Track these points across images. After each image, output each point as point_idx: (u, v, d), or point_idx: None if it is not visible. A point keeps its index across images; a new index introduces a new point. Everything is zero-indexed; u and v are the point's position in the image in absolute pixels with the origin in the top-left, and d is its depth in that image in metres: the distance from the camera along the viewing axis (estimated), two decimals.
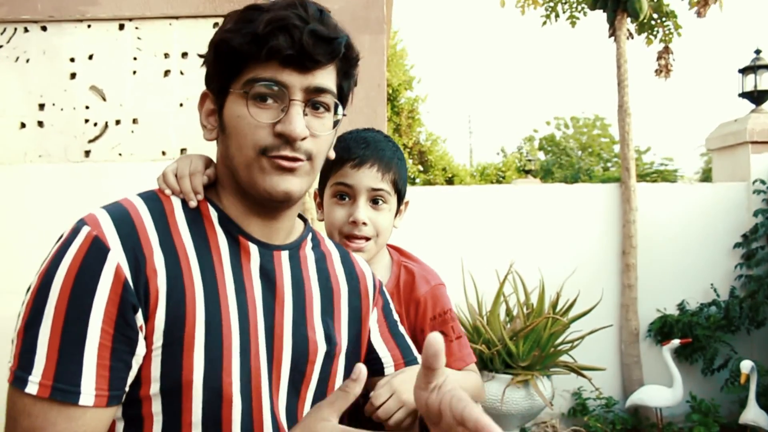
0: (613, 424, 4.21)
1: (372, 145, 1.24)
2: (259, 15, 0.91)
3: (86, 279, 0.82)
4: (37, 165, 4.08)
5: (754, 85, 4.82)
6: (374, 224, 1.23)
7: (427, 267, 1.33)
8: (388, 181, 1.24)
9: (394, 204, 1.27)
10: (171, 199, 0.96)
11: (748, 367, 3.78)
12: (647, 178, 16.81)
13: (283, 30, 0.89)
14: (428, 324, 1.26)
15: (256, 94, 0.90)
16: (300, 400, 0.99)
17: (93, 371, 0.81)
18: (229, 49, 0.92)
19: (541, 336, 3.78)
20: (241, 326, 0.92)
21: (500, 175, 14.02)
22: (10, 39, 4.14)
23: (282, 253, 1.00)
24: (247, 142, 0.91)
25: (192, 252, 0.91)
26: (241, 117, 0.91)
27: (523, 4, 5.08)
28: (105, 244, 0.84)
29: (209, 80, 0.99)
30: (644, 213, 4.54)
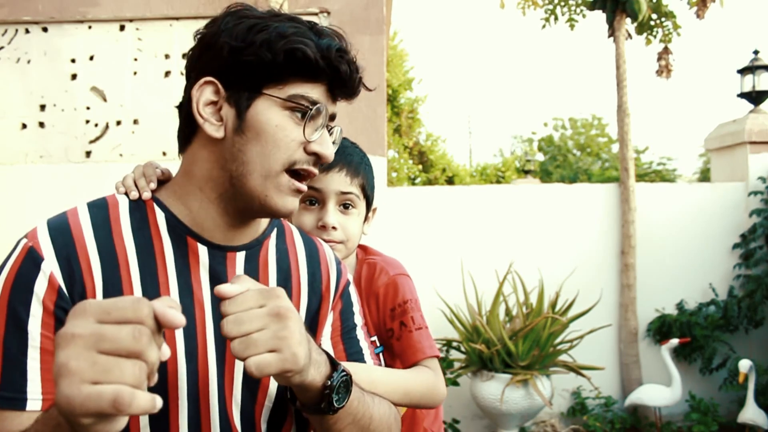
0: (612, 424, 4.22)
1: (339, 149, 1.21)
2: (315, 32, 0.91)
3: (21, 289, 0.84)
4: (38, 165, 4.09)
5: (753, 86, 4.83)
6: (344, 229, 1.21)
7: (389, 259, 1.31)
8: (356, 185, 1.23)
9: (363, 209, 1.26)
10: (119, 206, 0.95)
11: (747, 367, 3.79)
12: (646, 178, 16.82)
13: (344, 58, 0.92)
14: (389, 315, 1.23)
15: (304, 113, 0.91)
16: (257, 404, 0.97)
17: (38, 376, 0.82)
18: (292, 53, 0.88)
19: (541, 336, 3.80)
20: (186, 330, 0.91)
21: (500, 175, 14.02)
22: (11, 40, 4.15)
23: (237, 255, 0.98)
24: (278, 153, 0.90)
25: (133, 258, 0.91)
26: (280, 127, 0.90)
27: (524, 5, 5.08)
28: (39, 253, 0.85)
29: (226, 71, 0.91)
30: (643, 213, 4.55)
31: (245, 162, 0.90)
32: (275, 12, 0.93)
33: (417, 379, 1.16)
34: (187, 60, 0.96)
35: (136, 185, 0.99)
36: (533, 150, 20.87)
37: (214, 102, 0.91)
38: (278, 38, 0.88)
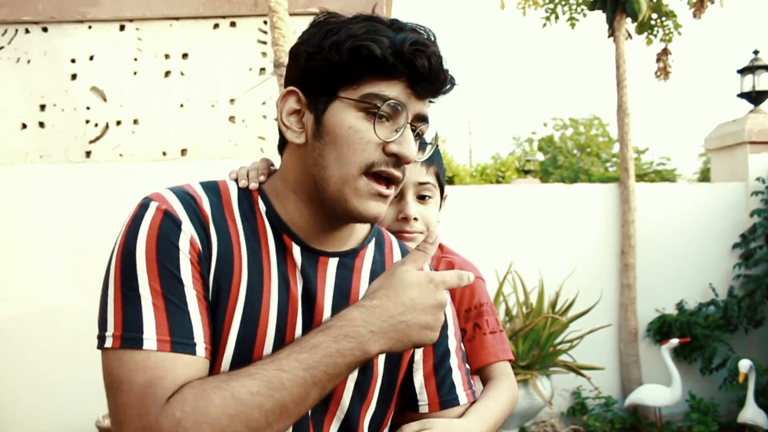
0: (612, 424, 4.22)
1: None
2: (394, 29, 0.90)
3: (167, 244, 0.85)
4: (38, 165, 4.10)
5: (753, 86, 4.83)
6: (424, 219, 1.20)
7: (466, 260, 1.29)
8: (432, 174, 1.21)
9: (438, 197, 1.24)
10: (230, 191, 0.97)
11: (747, 367, 3.79)
12: (645, 177, 16.83)
13: (422, 52, 0.89)
14: (462, 315, 1.21)
15: (379, 113, 0.88)
16: (329, 412, 0.96)
17: (200, 324, 0.85)
18: (357, 51, 0.87)
19: (541, 335, 3.79)
20: (278, 323, 0.92)
21: (500, 175, 14.02)
22: (11, 40, 4.15)
23: (330, 260, 0.97)
24: (353, 157, 0.89)
25: (243, 244, 0.92)
26: (354, 129, 0.89)
27: (524, 5, 5.08)
28: (177, 216, 0.87)
29: (304, 78, 0.92)
30: (643, 213, 4.55)
31: (325, 167, 0.90)
32: (361, 15, 0.92)
33: (501, 406, 1.13)
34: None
35: (248, 176, 1.02)
36: (533, 150, 20.88)
37: (297, 110, 0.93)
38: (346, 39, 0.87)
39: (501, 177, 13.91)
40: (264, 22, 4.09)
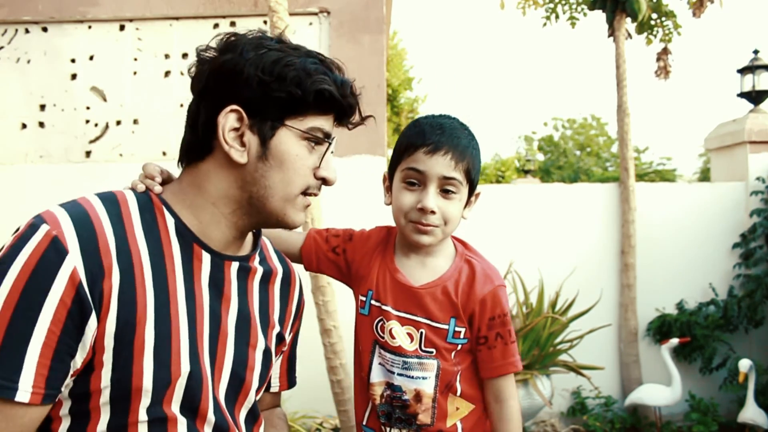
0: (612, 423, 4.22)
1: (447, 131, 1.20)
2: (327, 68, 1.00)
3: (41, 278, 0.83)
4: (38, 165, 4.10)
5: (753, 86, 4.83)
6: (443, 213, 1.19)
7: (490, 265, 1.29)
8: (460, 170, 1.19)
9: (464, 194, 1.23)
10: (128, 202, 0.97)
11: (747, 366, 3.79)
12: (645, 177, 16.83)
13: (353, 94, 1.03)
14: (486, 324, 1.22)
15: (317, 142, 1.00)
16: (238, 403, 1.05)
17: (33, 369, 0.83)
18: (320, 93, 0.97)
19: (541, 335, 3.79)
20: (190, 333, 0.95)
21: (500, 175, 14.02)
22: (11, 40, 4.15)
23: (232, 264, 1.04)
24: (298, 180, 1.00)
25: (146, 259, 0.93)
26: (299, 156, 0.99)
27: (524, 5, 5.08)
28: (64, 245, 0.85)
29: (252, 101, 0.96)
30: (643, 213, 4.55)
31: (267, 186, 0.98)
32: (288, 43, 1.01)
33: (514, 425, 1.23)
34: (203, 81, 0.99)
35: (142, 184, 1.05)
36: (533, 150, 20.88)
37: (236, 128, 0.97)
38: (306, 76, 0.96)
39: (501, 177, 13.91)
40: (264, 22, 4.09)
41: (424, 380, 1.21)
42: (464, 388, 1.24)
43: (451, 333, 1.21)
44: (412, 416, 1.22)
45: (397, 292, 1.23)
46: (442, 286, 1.22)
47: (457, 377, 1.23)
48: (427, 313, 1.21)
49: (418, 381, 1.21)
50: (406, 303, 1.22)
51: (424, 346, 1.21)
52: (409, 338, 1.21)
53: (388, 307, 1.22)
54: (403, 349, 1.21)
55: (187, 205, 1.00)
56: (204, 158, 1.00)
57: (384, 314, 1.22)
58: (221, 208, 1.00)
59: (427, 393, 1.21)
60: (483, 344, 1.23)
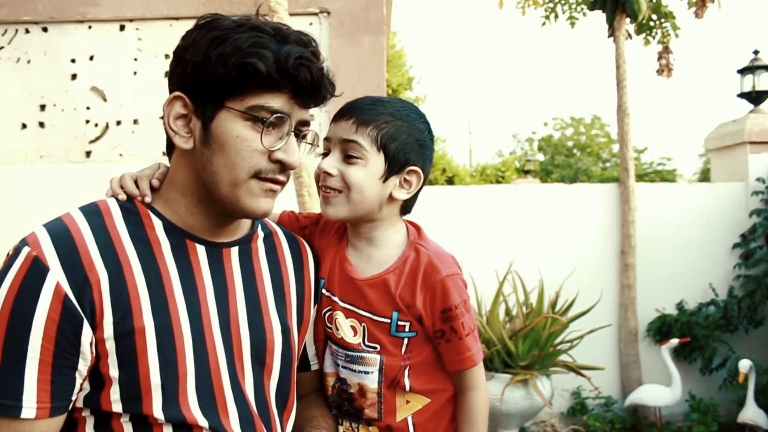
0: (612, 424, 4.22)
1: (368, 102, 1.16)
2: (278, 41, 0.93)
3: (26, 299, 0.85)
4: (38, 165, 4.10)
5: (753, 86, 4.83)
6: (343, 177, 1.14)
7: (442, 252, 1.23)
8: (365, 136, 1.13)
9: (375, 162, 1.15)
10: (111, 211, 0.98)
11: (747, 367, 3.79)
12: (645, 177, 16.83)
13: (305, 66, 0.93)
14: (438, 317, 1.17)
15: (265, 122, 0.94)
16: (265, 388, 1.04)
17: (34, 386, 0.85)
18: (243, 68, 0.91)
19: (541, 335, 3.80)
20: (192, 327, 0.95)
21: (500, 175, 14.03)
22: (11, 40, 4.15)
23: (231, 249, 1.04)
24: (242, 163, 0.94)
25: (136, 262, 0.93)
26: (240, 138, 0.93)
27: (524, 5, 5.09)
28: (44, 264, 0.87)
29: (191, 86, 0.94)
30: (643, 213, 4.55)
31: (214, 171, 0.95)
32: (246, 20, 0.95)
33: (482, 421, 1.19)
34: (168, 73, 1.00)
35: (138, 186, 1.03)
36: (533, 150, 20.89)
37: (184, 115, 0.96)
38: (232, 53, 0.90)
39: (501, 177, 13.91)
40: None
41: (366, 375, 1.17)
42: (414, 383, 1.18)
43: (394, 327, 1.16)
44: (359, 410, 1.19)
45: (344, 283, 1.20)
46: (382, 279, 1.18)
47: (404, 372, 1.17)
48: (369, 306, 1.17)
49: (361, 375, 1.18)
50: (350, 294, 1.18)
51: (368, 341, 1.17)
52: (353, 331, 1.18)
53: (335, 297, 1.20)
54: (345, 341, 1.18)
55: (166, 201, 1.01)
56: (171, 151, 1.02)
57: (332, 304, 1.20)
58: (189, 198, 0.99)
59: (371, 387, 1.17)
60: (440, 337, 1.18)
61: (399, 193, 1.20)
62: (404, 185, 1.21)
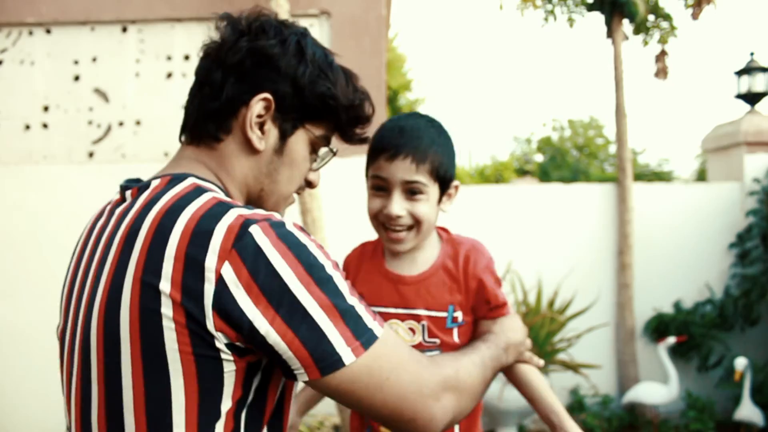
0: (610, 421, 4.26)
1: (407, 133, 1.20)
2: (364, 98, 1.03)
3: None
4: (41, 166, 4.13)
5: (749, 87, 4.87)
6: (412, 214, 1.21)
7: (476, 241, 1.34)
8: (424, 172, 1.19)
9: (434, 192, 1.22)
10: None
11: (743, 365, 3.82)
12: (643, 178, 16.85)
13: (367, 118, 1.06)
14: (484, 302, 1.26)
15: (322, 150, 1.04)
16: None
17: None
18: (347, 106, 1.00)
19: (539, 334, 3.83)
20: None
21: (498, 175, 14.05)
22: (15, 42, 4.19)
23: None
24: (298, 181, 1.03)
25: None
26: (305, 159, 1.01)
27: (522, 6, 5.12)
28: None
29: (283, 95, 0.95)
30: (640, 213, 4.59)
31: (277, 181, 1.00)
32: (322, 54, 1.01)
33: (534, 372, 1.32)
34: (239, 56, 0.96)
35: None
36: (532, 150, 20.90)
37: (261, 115, 0.95)
38: (355, 95, 1.01)
39: (500, 177, 13.94)
40: None
41: None
42: None
43: (450, 319, 1.25)
44: None
45: (392, 291, 1.25)
46: (433, 275, 1.25)
47: None
48: (426, 304, 1.24)
49: None
50: (402, 298, 1.25)
51: (428, 337, 1.24)
52: (411, 332, 1.24)
53: (381, 308, 1.25)
54: None
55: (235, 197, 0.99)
56: (222, 139, 0.97)
57: (383, 316, 1.23)
58: (243, 196, 1.00)
59: None
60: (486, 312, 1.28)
61: (445, 206, 1.29)
62: (449, 199, 1.30)
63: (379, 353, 0.86)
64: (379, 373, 0.86)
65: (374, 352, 0.85)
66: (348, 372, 0.84)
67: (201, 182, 0.91)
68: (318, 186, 1.07)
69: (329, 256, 0.88)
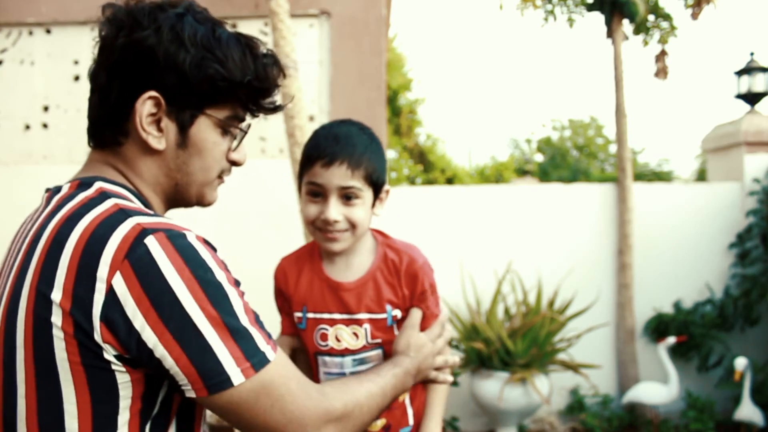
0: (610, 421, 4.26)
1: (342, 141, 1.23)
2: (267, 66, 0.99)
3: None
4: (41, 166, 4.13)
5: (749, 87, 4.87)
6: (348, 219, 1.24)
7: (410, 245, 1.36)
8: (359, 177, 1.23)
9: (368, 196, 1.26)
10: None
11: (743, 365, 3.82)
12: (644, 178, 16.85)
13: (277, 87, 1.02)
14: (417, 298, 1.30)
15: (234, 132, 1.01)
16: None
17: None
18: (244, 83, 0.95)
19: (539, 334, 3.84)
20: None
21: (498, 175, 14.05)
22: (15, 42, 4.19)
23: None
24: (215, 165, 1.00)
25: None
26: (216, 144, 0.98)
27: (522, 7, 5.12)
28: None
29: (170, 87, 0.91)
30: (640, 212, 4.59)
31: (189, 173, 0.98)
32: (208, 23, 0.95)
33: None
34: (115, 54, 0.93)
35: None
36: (532, 151, 20.91)
37: (153, 113, 0.92)
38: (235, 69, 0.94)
39: (500, 177, 13.94)
40: (265, 24, 4.13)
41: None
42: None
43: (390, 319, 1.28)
44: None
45: (334, 297, 1.28)
46: (372, 279, 1.28)
47: None
48: (366, 308, 1.27)
49: None
50: (345, 305, 1.27)
51: (371, 339, 1.27)
52: (355, 337, 1.27)
53: (327, 314, 1.28)
54: (350, 349, 1.27)
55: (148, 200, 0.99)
56: (122, 142, 0.95)
57: (325, 322, 1.28)
58: (160, 196, 1.00)
59: None
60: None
61: (378, 210, 1.31)
62: (381, 203, 1.32)
63: (269, 378, 0.85)
64: (266, 399, 0.85)
65: (264, 376, 0.85)
66: (235, 393, 0.83)
67: (108, 187, 0.91)
68: (244, 162, 1.05)
69: (230, 272, 0.87)
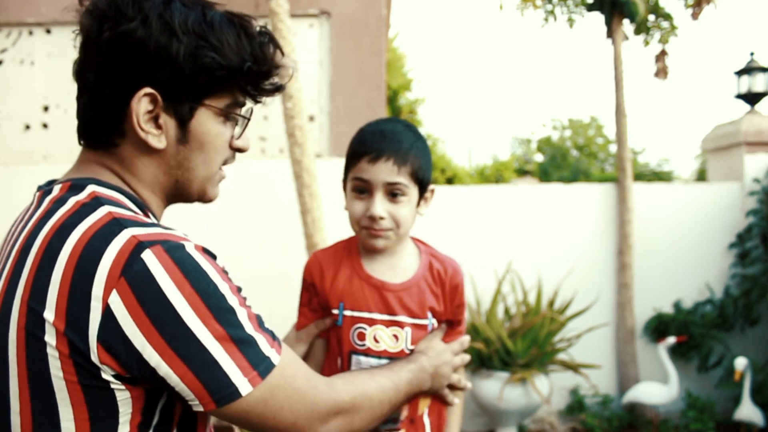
0: (610, 421, 4.26)
1: (389, 137, 1.22)
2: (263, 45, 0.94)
3: None
4: (41, 166, 4.13)
5: (749, 87, 4.87)
6: (393, 217, 1.23)
7: (452, 257, 1.38)
8: (405, 174, 1.22)
9: (414, 194, 1.25)
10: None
11: (743, 365, 3.82)
12: (644, 178, 16.86)
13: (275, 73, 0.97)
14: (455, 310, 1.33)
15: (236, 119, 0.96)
16: None
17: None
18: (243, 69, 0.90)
19: (539, 334, 3.84)
20: None
21: (498, 175, 14.05)
22: (15, 42, 4.19)
23: None
24: (217, 157, 0.96)
25: None
26: (218, 134, 0.94)
27: (522, 7, 5.12)
28: None
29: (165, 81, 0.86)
30: (640, 212, 4.59)
31: (191, 168, 0.94)
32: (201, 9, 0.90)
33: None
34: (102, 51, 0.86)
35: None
36: (532, 151, 20.93)
37: (150, 111, 0.87)
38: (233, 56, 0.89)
39: (500, 177, 13.94)
40: (265, 24, 4.13)
41: None
42: None
43: (430, 325, 1.28)
44: (398, 411, 1.24)
45: (376, 296, 1.26)
46: (417, 285, 1.28)
47: None
48: (409, 312, 1.26)
49: None
50: (387, 305, 1.25)
51: (410, 344, 1.25)
52: (395, 339, 1.25)
53: (367, 313, 1.25)
54: (388, 352, 1.24)
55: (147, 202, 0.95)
56: (117, 143, 0.90)
57: (363, 321, 1.25)
58: (158, 195, 0.96)
59: None
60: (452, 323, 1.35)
61: (422, 210, 1.31)
62: (425, 203, 1.31)
63: (275, 382, 0.85)
64: (274, 403, 0.85)
65: (271, 381, 0.84)
66: (243, 402, 0.82)
67: (102, 190, 0.86)
68: (248, 148, 1.00)
69: (231, 281, 0.85)
